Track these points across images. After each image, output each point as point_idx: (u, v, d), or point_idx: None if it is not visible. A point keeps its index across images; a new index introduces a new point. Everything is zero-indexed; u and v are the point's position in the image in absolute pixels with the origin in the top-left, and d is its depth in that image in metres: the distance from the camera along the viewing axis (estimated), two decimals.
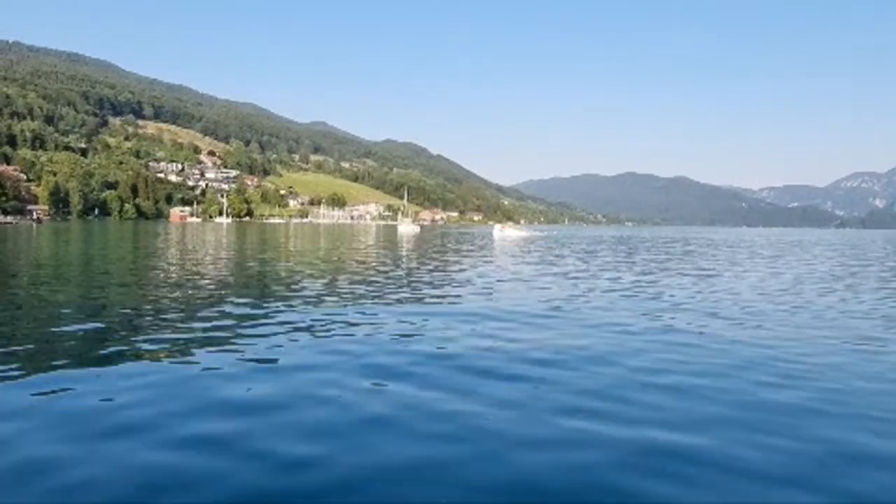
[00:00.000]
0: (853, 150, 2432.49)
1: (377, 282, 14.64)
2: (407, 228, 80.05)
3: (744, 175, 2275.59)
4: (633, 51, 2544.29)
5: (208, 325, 8.34)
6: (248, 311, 9.65)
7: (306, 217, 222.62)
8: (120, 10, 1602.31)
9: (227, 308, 9.83)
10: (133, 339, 7.39)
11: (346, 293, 12.19)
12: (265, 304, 10.39)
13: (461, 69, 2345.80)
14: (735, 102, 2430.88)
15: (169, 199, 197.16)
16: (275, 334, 7.80)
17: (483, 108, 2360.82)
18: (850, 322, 9.71)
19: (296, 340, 7.50)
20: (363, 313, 9.61)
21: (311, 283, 14.11)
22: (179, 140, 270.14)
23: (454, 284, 14.49)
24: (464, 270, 17.68)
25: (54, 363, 6.12)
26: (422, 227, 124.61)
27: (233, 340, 7.40)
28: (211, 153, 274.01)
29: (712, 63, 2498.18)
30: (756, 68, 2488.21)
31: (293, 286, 13.29)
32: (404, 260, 21.25)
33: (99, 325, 8.23)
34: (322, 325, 8.49)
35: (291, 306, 10.13)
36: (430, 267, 17.72)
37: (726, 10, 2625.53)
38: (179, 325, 8.30)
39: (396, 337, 7.79)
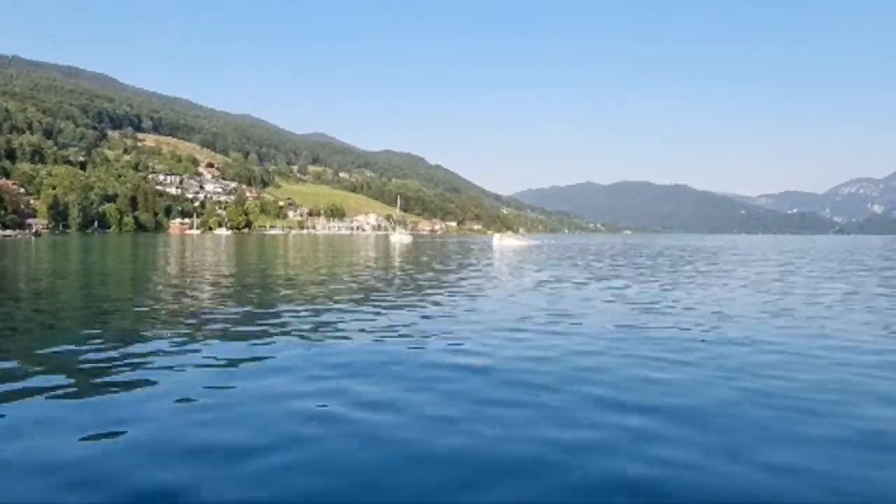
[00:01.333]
0: (851, 157, 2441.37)
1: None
2: (399, 238, 79.97)
3: (742, 182, 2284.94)
4: (628, 58, 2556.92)
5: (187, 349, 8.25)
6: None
7: (305, 228, 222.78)
8: (117, 24, 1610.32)
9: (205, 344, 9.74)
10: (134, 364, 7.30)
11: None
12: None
13: (459, 79, 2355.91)
14: (732, 109, 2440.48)
15: (168, 212, 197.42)
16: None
17: (481, 118, 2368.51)
18: None
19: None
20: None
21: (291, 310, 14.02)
22: (178, 152, 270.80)
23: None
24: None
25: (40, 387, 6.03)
26: (420, 236, 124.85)
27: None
28: (210, 165, 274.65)
29: (709, 70, 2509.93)
30: (753, 75, 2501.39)
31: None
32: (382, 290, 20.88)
33: (103, 350, 8.14)
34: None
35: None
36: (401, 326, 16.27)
37: (722, 17, 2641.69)
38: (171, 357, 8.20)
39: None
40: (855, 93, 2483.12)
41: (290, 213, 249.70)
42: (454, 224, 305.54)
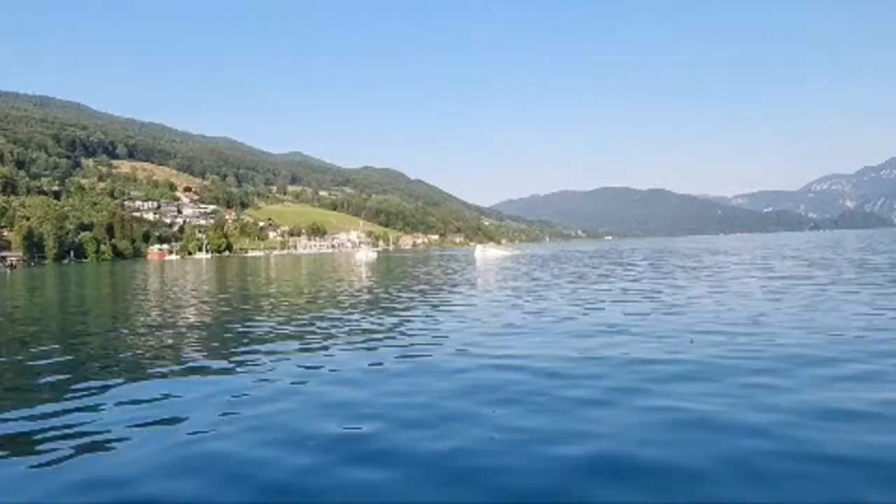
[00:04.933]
0: (822, 154, 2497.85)
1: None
2: (363, 255, 79.07)
3: (719, 184, 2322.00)
4: (602, 65, 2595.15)
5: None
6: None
7: (286, 248, 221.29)
8: (88, 52, 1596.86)
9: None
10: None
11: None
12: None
13: (435, 94, 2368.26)
14: (708, 112, 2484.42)
15: (146, 238, 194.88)
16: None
17: (459, 131, 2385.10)
18: None
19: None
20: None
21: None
22: (155, 177, 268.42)
23: None
24: None
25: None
26: (401, 250, 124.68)
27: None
28: (187, 189, 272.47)
29: (683, 75, 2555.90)
30: (726, 79, 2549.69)
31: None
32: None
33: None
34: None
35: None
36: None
37: (694, 22, 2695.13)
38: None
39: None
40: (824, 89, 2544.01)
41: (271, 234, 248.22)
42: (436, 237, 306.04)
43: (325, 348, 8.83)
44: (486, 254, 64.89)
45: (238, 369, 7.60)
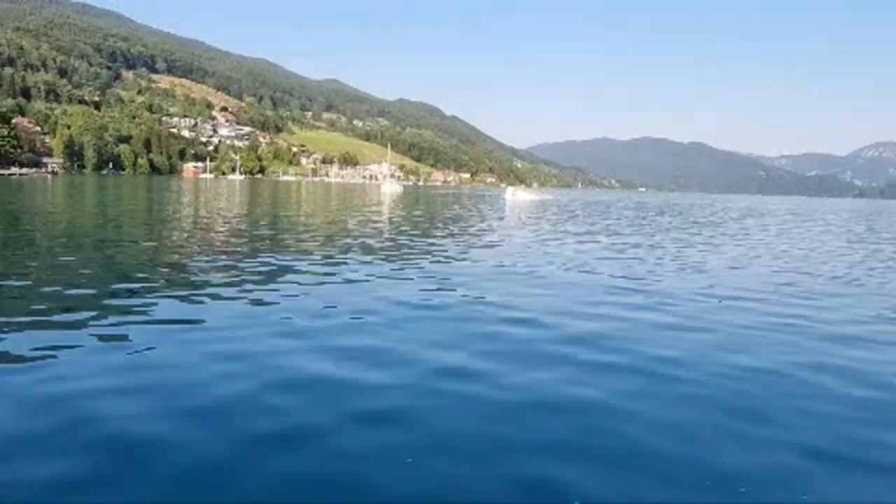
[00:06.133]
0: (876, 120, 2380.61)
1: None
2: (388, 189, 79.06)
3: (762, 142, 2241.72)
4: (651, 14, 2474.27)
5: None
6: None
7: (318, 176, 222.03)
8: None
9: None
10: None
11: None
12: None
13: (477, 30, 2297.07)
14: (755, 68, 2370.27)
15: (182, 155, 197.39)
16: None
17: (498, 71, 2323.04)
18: None
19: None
20: None
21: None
22: (192, 95, 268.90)
23: None
24: None
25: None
26: (433, 187, 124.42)
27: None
28: (224, 109, 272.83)
29: (732, 27, 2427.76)
30: (778, 34, 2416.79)
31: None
32: None
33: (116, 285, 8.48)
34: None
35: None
36: None
37: None
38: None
39: None
40: (884, 54, 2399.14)
41: (304, 160, 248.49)
42: (468, 176, 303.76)
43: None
44: (516, 197, 64.63)
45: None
